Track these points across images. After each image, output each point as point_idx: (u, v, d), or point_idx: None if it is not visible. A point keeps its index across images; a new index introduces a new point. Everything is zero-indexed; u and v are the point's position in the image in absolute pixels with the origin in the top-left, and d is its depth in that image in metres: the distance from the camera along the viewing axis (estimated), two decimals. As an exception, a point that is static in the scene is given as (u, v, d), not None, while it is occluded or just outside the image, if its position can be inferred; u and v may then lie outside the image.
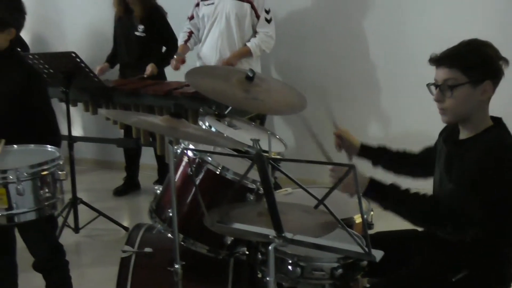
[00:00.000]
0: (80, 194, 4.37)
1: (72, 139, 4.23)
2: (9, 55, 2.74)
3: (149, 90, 4.30)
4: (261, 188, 2.40)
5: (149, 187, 5.18)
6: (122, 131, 4.98)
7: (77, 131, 5.92)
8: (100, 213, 4.40)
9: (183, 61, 4.59)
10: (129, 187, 5.24)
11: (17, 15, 2.74)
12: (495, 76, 2.13)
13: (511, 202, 2.08)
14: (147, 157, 5.23)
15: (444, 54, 2.17)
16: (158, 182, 5.09)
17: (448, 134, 2.35)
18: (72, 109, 4.41)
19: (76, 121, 5.91)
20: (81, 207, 4.34)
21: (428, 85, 2.22)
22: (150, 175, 5.28)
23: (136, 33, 4.82)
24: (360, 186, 2.20)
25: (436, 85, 2.18)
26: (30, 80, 2.73)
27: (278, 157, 2.25)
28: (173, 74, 4.77)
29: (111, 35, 5.11)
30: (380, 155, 2.67)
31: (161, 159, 4.76)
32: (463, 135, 2.24)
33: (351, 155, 2.72)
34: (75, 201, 4.28)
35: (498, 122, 2.21)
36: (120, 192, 5.17)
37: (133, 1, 4.76)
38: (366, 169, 2.36)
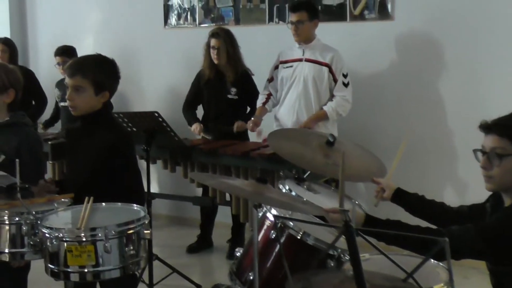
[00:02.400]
0: (154, 250, 4.44)
1: (151, 196, 4.33)
2: (101, 116, 2.87)
3: (227, 150, 4.39)
4: (342, 255, 2.40)
5: (222, 244, 5.23)
6: (195, 187, 5.06)
7: (153, 187, 6.05)
8: (174, 270, 4.45)
9: (258, 124, 4.65)
10: (203, 244, 5.28)
11: (112, 80, 2.89)
12: None
13: None
14: (221, 215, 5.28)
15: (495, 121, 2.18)
16: (232, 240, 5.13)
17: (495, 201, 2.33)
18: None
19: (153, 177, 6.05)
20: (155, 263, 4.40)
21: (474, 150, 2.22)
22: (223, 233, 5.32)
23: (229, 95, 4.94)
24: (356, 223, 2.19)
25: (483, 152, 2.17)
26: (120, 140, 2.84)
27: (366, 228, 2.24)
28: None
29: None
30: (417, 204, 2.64)
31: (236, 218, 4.79)
32: (507, 202, 2.23)
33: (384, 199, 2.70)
34: (150, 257, 4.35)
35: None
36: (193, 249, 5.22)
37: (226, 66, 4.90)
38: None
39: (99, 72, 2.83)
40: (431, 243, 1.62)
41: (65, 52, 5.59)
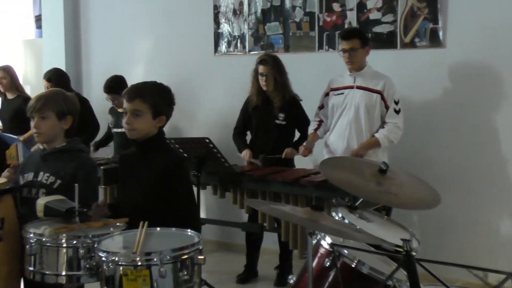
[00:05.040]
0: (203, 275, 4.41)
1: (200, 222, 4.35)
2: (156, 141, 2.93)
3: (277, 177, 4.37)
4: (397, 285, 2.37)
5: (269, 271, 5.20)
6: (242, 213, 5.08)
7: (202, 213, 6.06)
8: (223, 296, 4.45)
9: (310, 151, 4.66)
10: (251, 275, 5.24)
11: (169, 105, 2.97)
12: None
13: None
14: (267, 241, 5.25)
15: None
16: (280, 267, 5.09)
17: None
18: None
19: (201, 203, 6.06)
20: (204, 289, 4.41)
21: None
22: (270, 260, 5.30)
23: (277, 121, 4.95)
24: None
25: None
26: (175, 165, 2.88)
27: (426, 259, 2.21)
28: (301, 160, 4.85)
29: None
30: None
31: (284, 245, 4.76)
32: None
33: None
34: (200, 283, 4.35)
35: None
36: (243, 280, 5.17)
37: (274, 93, 4.92)
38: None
39: (157, 97, 2.90)
40: None
41: (113, 89, 5.65)
